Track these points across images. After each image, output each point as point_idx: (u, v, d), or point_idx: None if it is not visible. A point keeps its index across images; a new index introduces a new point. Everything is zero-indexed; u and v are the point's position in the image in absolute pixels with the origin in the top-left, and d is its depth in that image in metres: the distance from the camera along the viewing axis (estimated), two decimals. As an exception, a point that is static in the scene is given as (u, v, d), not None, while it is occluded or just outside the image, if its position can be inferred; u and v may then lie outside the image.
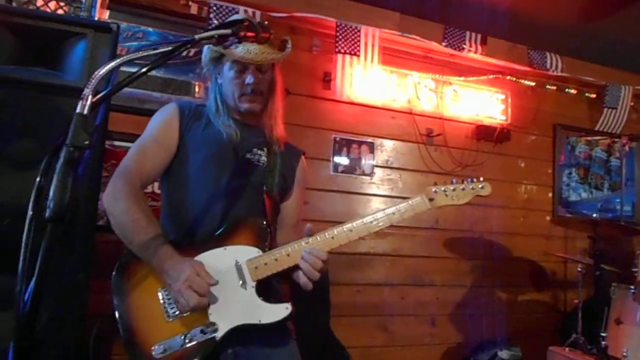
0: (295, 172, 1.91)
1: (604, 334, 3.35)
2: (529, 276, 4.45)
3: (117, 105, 2.86)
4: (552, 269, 4.53)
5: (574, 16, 3.97)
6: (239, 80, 1.74)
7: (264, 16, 3.32)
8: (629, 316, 3.29)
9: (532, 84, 4.57)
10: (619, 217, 4.63)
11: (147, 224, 1.53)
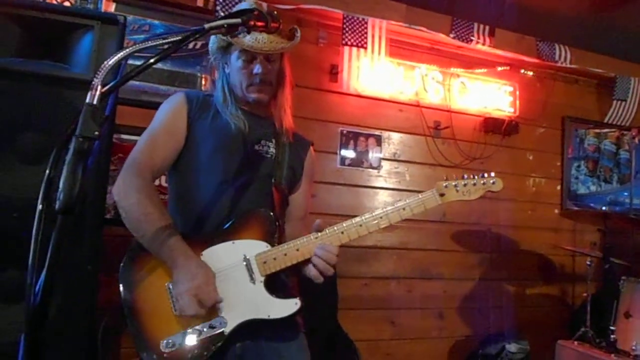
0: (303, 163, 1.88)
1: (613, 328, 3.33)
2: (537, 269, 4.42)
3: (124, 98, 2.85)
4: (561, 262, 4.50)
5: (583, 7, 3.92)
6: (247, 70, 1.71)
7: (270, 8, 3.30)
8: (638, 309, 3.27)
9: (540, 76, 4.53)
10: (628, 210, 4.59)
11: (160, 217, 1.51)
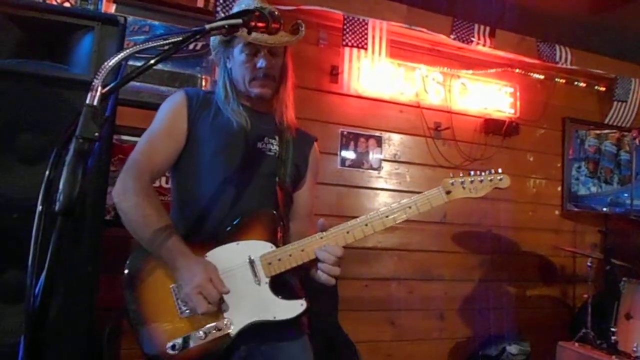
0: (308, 159, 1.85)
1: (614, 329, 3.33)
2: (538, 271, 4.42)
3: (124, 99, 2.86)
4: (561, 263, 4.49)
5: (583, 8, 3.92)
6: (250, 63, 1.67)
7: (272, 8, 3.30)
8: (639, 311, 3.27)
9: (541, 77, 4.52)
10: (628, 211, 4.58)
11: (158, 219, 1.51)
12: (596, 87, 4.76)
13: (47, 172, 0.91)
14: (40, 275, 0.84)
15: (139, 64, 0.97)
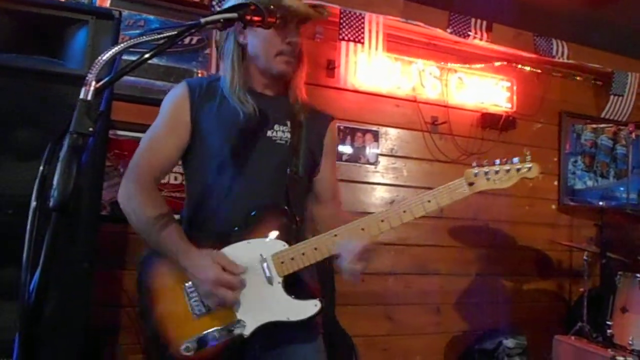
0: (323, 142, 1.74)
1: (610, 322, 3.33)
2: (534, 265, 4.43)
3: (119, 94, 2.84)
4: (558, 257, 4.51)
5: (580, 2, 3.91)
6: (279, 37, 1.54)
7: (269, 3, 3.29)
8: (635, 304, 3.28)
9: (538, 71, 4.51)
10: (624, 205, 4.59)
11: (159, 220, 1.48)
12: (593, 81, 4.76)
13: (41, 168, 0.90)
14: (35, 271, 0.83)
15: (134, 58, 0.96)
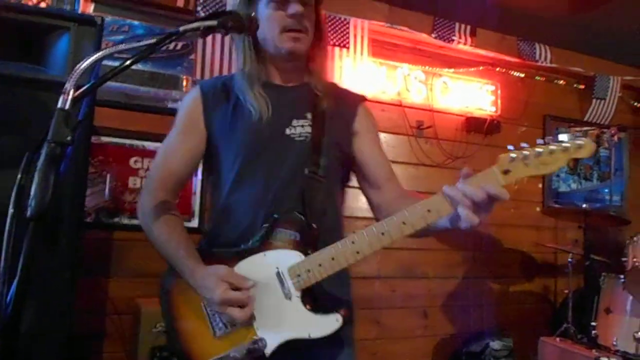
0: (352, 128, 1.57)
1: (594, 324, 3.37)
2: (519, 267, 4.47)
3: (104, 100, 2.83)
4: (543, 259, 4.55)
5: (562, 7, 3.97)
6: (280, 13, 1.44)
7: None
8: (619, 305, 3.31)
9: (521, 75, 4.57)
10: (608, 207, 4.65)
11: (169, 238, 1.45)
12: (575, 85, 4.83)
13: (18, 176, 0.90)
14: (12, 282, 0.82)
15: (117, 63, 0.96)
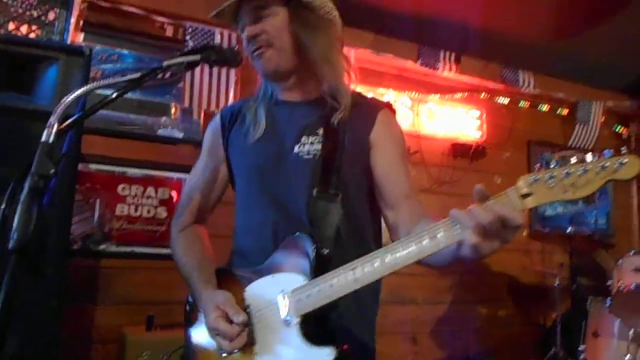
0: (369, 139, 1.43)
1: (582, 347, 3.38)
2: (508, 291, 4.47)
3: (92, 127, 2.85)
4: (531, 283, 4.55)
5: (545, 35, 4.07)
6: (243, 34, 1.41)
7: (239, 38, 3.33)
8: (606, 328, 3.33)
9: (506, 101, 4.65)
10: (594, 230, 4.70)
11: (185, 262, 1.50)
12: (559, 111, 4.90)
13: (2, 207, 0.91)
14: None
15: (109, 91, 0.99)
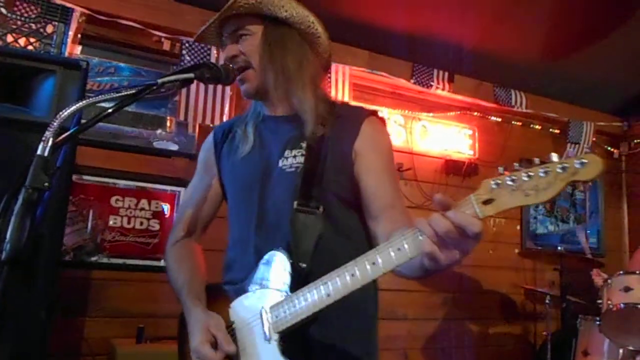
0: (352, 149, 1.39)
1: (572, 366, 3.39)
2: (499, 309, 4.49)
3: (87, 139, 2.87)
4: (522, 301, 4.58)
5: (536, 56, 4.14)
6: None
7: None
8: (595, 347, 3.34)
9: (498, 119, 4.70)
10: (583, 249, 4.73)
11: (177, 276, 1.52)
12: (550, 130, 4.96)
13: (-4, 219, 0.93)
14: (-16, 323, 0.85)
15: (106, 104, 1.03)
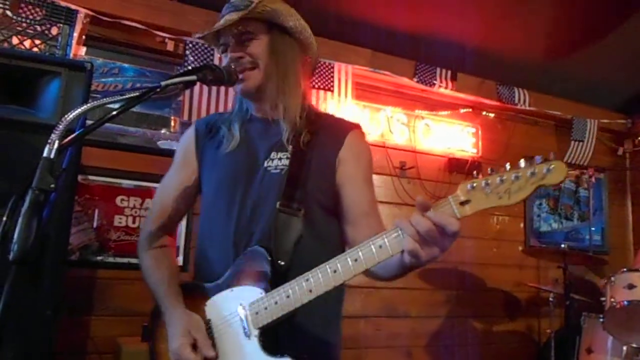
0: (336, 157, 1.47)
1: (576, 364, 3.40)
2: (503, 306, 4.49)
3: (92, 140, 2.89)
4: (526, 299, 4.58)
5: (539, 54, 4.14)
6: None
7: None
8: (599, 345, 3.35)
9: (501, 117, 4.70)
10: (588, 246, 4.73)
11: (153, 273, 1.51)
12: (554, 128, 4.95)
13: (4, 219, 0.95)
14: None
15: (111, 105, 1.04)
